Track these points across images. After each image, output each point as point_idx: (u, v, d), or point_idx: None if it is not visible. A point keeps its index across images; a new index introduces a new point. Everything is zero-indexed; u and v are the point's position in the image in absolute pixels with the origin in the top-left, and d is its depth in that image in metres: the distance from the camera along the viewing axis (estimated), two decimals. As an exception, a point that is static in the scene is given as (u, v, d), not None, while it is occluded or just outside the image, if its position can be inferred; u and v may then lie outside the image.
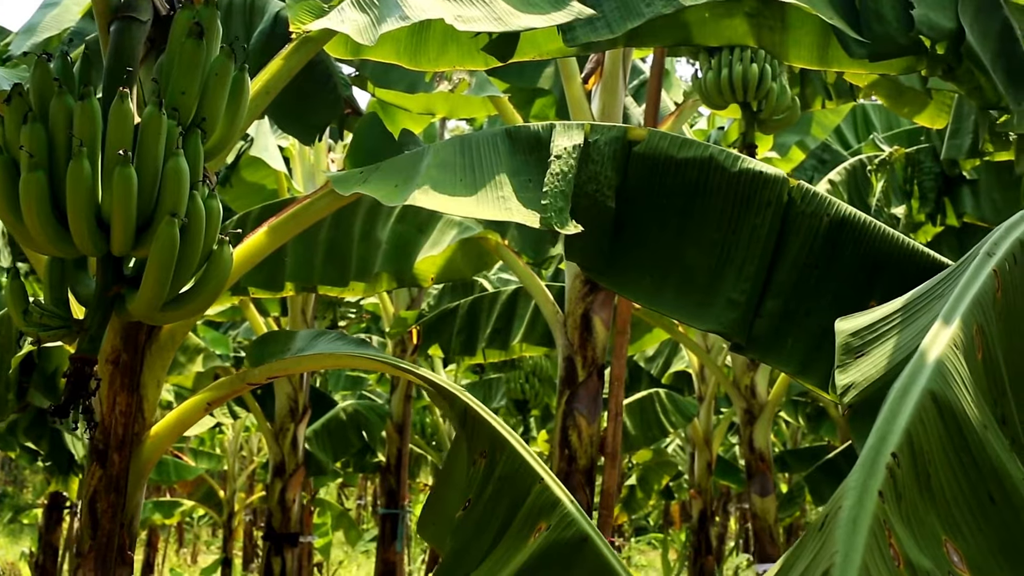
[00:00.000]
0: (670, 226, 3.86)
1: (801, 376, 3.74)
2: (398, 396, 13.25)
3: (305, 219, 4.08)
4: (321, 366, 4.97)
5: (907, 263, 3.70)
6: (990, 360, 2.21)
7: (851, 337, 2.63)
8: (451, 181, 3.84)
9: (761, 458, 11.00)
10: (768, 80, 6.63)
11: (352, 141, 4.24)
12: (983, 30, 4.61)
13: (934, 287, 2.66)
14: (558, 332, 7.17)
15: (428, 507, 3.75)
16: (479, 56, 4.64)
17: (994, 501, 1.94)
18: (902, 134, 10.79)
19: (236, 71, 3.55)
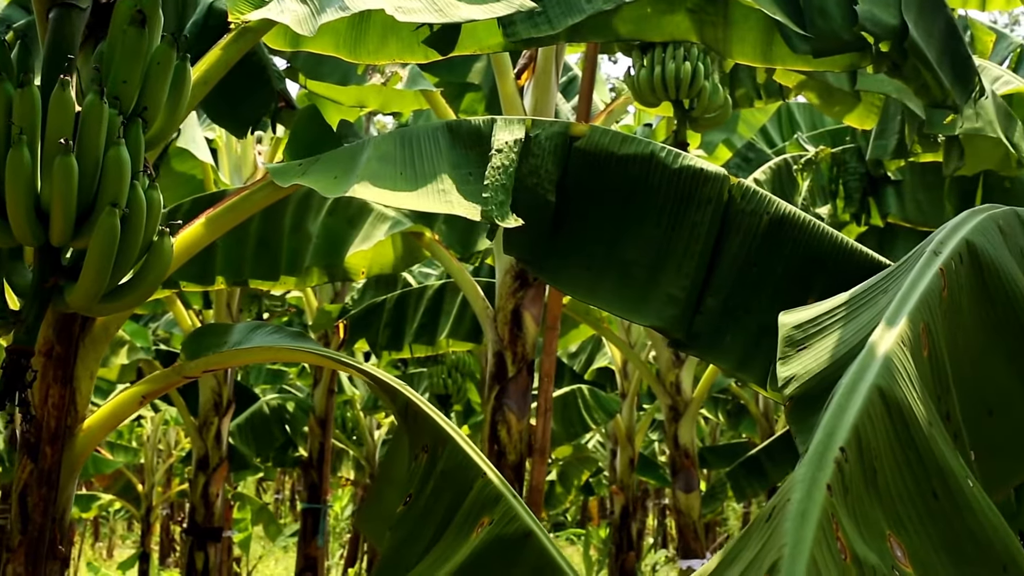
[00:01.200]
0: (610, 221, 3.87)
1: (739, 372, 3.76)
2: (321, 390, 13.17)
3: (243, 211, 4.04)
4: (260, 359, 4.94)
5: (845, 261, 3.73)
6: (936, 358, 2.23)
7: (794, 330, 2.64)
8: (391, 174, 3.82)
9: (686, 454, 11.05)
10: (701, 78, 6.65)
11: (291, 133, 4.21)
12: (927, 28, 4.65)
13: (877, 284, 2.68)
14: (488, 328, 7.16)
15: (367, 502, 3.73)
16: (419, 49, 4.61)
17: (937, 497, 1.96)
18: (826, 134, 10.88)
19: (178, 60, 3.50)
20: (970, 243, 2.46)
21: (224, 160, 10.55)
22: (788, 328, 2.64)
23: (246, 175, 10.60)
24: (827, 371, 2.42)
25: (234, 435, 13.05)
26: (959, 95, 4.88)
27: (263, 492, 34.01)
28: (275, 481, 33.70)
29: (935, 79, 4.75)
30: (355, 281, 9.30)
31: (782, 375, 2.49)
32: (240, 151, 10.56)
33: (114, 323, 3.80)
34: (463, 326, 10.23)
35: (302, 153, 4.03)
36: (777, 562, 1.65)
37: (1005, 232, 2.60)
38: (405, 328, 10.51)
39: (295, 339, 3.92)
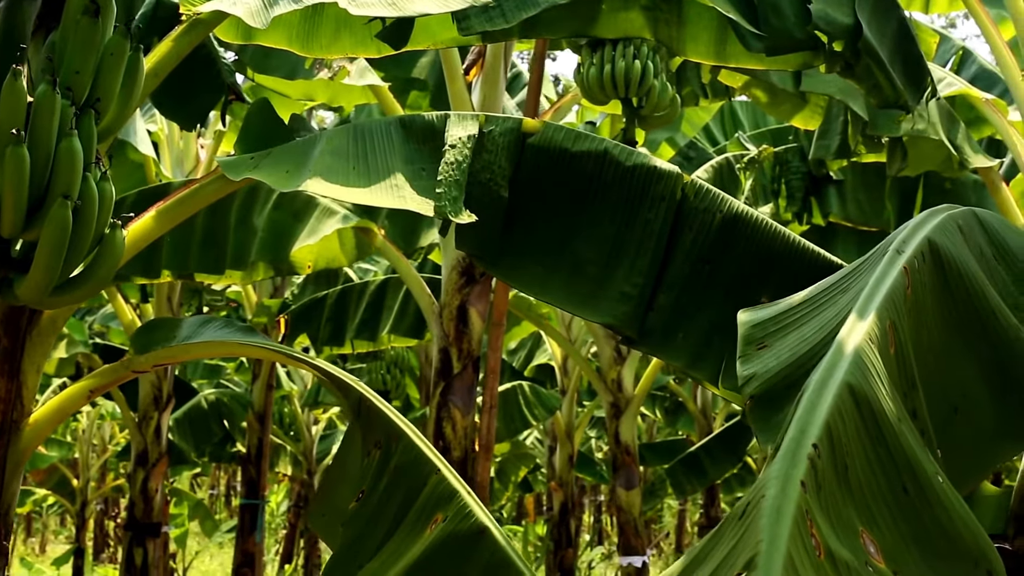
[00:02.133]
0: (563, 218, 3.87)
1: (691, 370, 3.77)
2: (259, 385, 13.09)
3: (193, 204, 4.02)
4: (211, 354, 4.90)
5: (797, 260, 3.75)
6: (902, 355, 2.25)
7: (753, 329, 2.66)
8: (344, 168, 3.80)
9: (627, 451, 11.08)
10: (651, 77, 6.63)
11: (242, 126, 4.17)
12: (880, 28, 4.68)
13: (837, 283, 2.69)
14: (434, 323, 7.14)
15: (319, 498, 3.71)
16: (372, 44, 4.60)
17: (908, 493, 1.97)
18: (768, 133, 10.94)
19: (131, 52, 3.46)
20: (932, 242, 2.48)
21: (165, 153, 10.46)
22: (748, 327, 2.65)
23: (188, 168, 10.51)
24: (788, 369, 2.43)
25: (173, 430, 12.95)
26: (911, 96, 4.91)
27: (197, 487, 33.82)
28: (210, 476, 33.52)
29: (887, 79, 4.78)
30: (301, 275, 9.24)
31: (742, 374, 2.50)
32: (182, 144, 10.47)
33: (61, 316, 3.76)
34: (405, 321, 10.20)
35: (253, 147, 3.98)
36: (754, 558, 1.65)
37: (964, 232, 2.63)
38: (347, 323, 10.46)
39: (245, 334, 3.89)
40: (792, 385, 2.39)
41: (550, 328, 12.01)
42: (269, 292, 13.05)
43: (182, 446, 13.47)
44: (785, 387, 2.39)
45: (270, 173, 3.78)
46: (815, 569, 1.68)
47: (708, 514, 16.59)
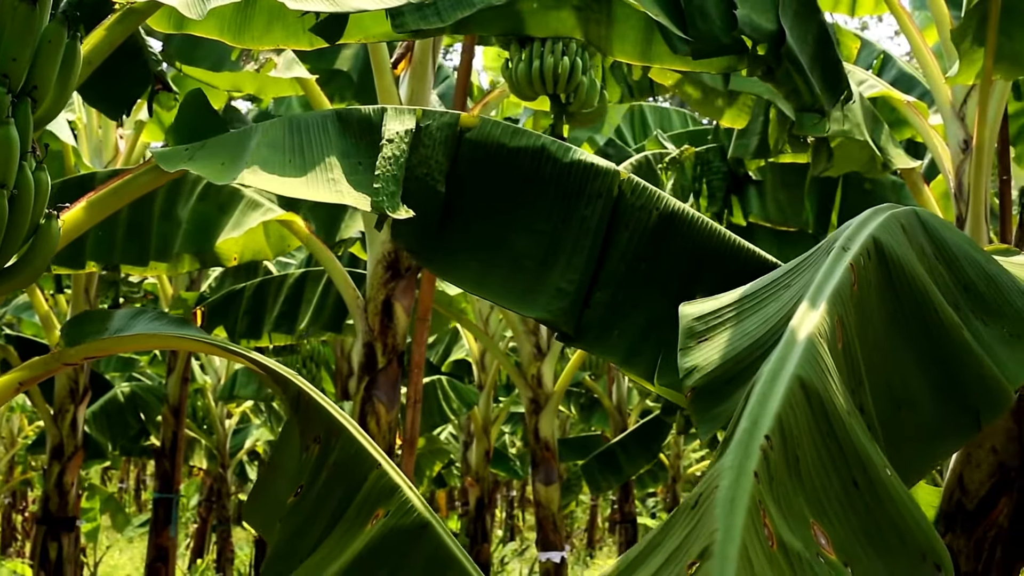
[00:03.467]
0: (500, 213, 3.87)
1: (626, 367, 3.78)
2: (175, 378, 12.95)
3: (126, 195, 3.97)
4: (144, 347, 4.85)
5: (731, 258, 3.78)
6: (849, 351, 2.28)
7: (695, 322, 2.68)
8: (280, 161, 3.78)
9: (546, 447, 11.11)
10: (579, 74, 6.67)
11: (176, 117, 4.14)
12: (801, 34, 4.73)
13: (779, 279, 2.72)
14: (358, 318, 7.12)
15: (255, 494, 3.68)
16: (304, 36, 4.58)
17: (857, 486, 2.00)
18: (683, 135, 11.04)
19: (69, 39, 3.42)
20: (877, 240, 2.51)
21: (84, 142, 10.33)
22: (689, 320, 2.67)
23: (107, 158, 10.38)
24: (729, 363, 2.45)
25: (89, 423, 12.80)
26: (828, 100, 4.97)
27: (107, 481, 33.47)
28: (120, 470, 33.19)
29: (806, 84, 4.84)
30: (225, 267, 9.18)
31: (684, 366, 2.52)
32: (101, 134, 10.35)
33: (-10, 307, 3.71)
34: (324, 315, 10.15)
35: (187, 138, 3.95)
36: (709, 547, 1.66)
37: (907, 231, 2.67)
38: (265, 316, 10.39)
39: (178, 326, 3.86)
40: (733, 379, 2.42)
41: (469, 323, 12.02)
42: (186, 284, 12.93)
43: (98, 439, 13.32)
44: (726, 380, 2.41)
45: (205, 165, 3.75)
46: (768, 559, 1.70)
47: (622, 510, 16.70)
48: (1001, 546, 3.54)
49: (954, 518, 3.52)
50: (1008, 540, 3.50)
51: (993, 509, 3.47)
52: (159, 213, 7.20)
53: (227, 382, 14.78)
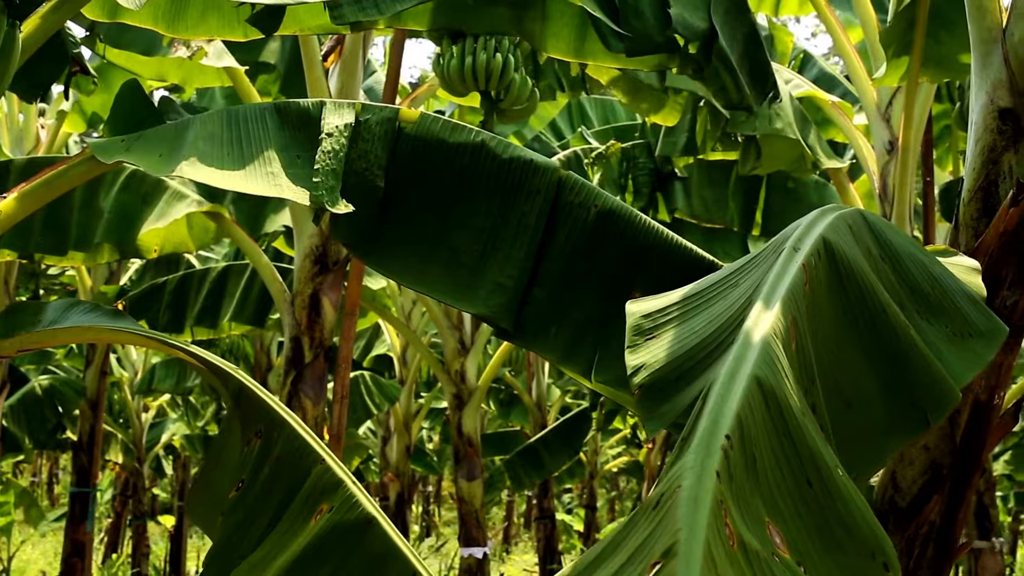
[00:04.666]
0: (439, 208, 3.87)
1: (564, 363, 3.79)
2: (93, 372, 12.81)
3: (60, 186, 3.93)
4: (80, 339, 4.78)
5: (669, 256, 3.79)
6: (802, 351, 2.30)
7: (642, 319, 2.68)
8: (218, 154, 3.76)
9: (469, 443, 11.12)
10: (511, 70, 6.68)
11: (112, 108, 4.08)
12: (732, 33, 4.77)
13: (727, 277, 2.73)
14: (285, 312, 7.08)
15: (196, 489, 3.65)
16: (239, 27, 4.55)
17: (811, 485, 2.02)
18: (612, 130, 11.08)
19: (7, 27, 3.38)
20: (827, 240, 2.53)
21: (4, 131, 10.18)
22: (636, 317, 2.67)
23: (28, 147, 10.24)
24: (677, 360, 2.45)
25: (8, 416, 12.64)
26: (755, 99, 5.02)
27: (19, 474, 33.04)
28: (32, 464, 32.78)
29: (734, 82, 4.88)
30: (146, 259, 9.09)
31: (631, 363, 2.51)
32: (22, 122, 10.21)
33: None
34: (247, 309, 10.08)
35: (124, 129, 3.91)
36: (673, 546, 1.67)
37: (854, 231, 2.70)
38: (186, 310, 10.30)
39: (114, 319, 3.81)
40: (681, 377, 2.42)
41: (391, 318, 11.99)
42: (105, 277, 12.79)
43: (16, 433, 13.14)
44: (674, 378, 2.42)
45: (143, 157, 3.72)
46: (729, 558, 1.72)
47: (541, 506, 16.72)
48: (932, 543, 3.59)
49: (886, 515, 3.55)
50: (939, 538, 3.54)
51: (925, 506, 3.51)
52: (79, 202, 7.12)
53: (145, 376, 14.63)
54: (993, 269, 3.27)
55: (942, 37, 5.97)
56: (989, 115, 3.43)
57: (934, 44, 6.01)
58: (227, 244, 13.04)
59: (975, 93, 3.51)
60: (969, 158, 3.51)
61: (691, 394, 2.35)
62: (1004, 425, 3.59)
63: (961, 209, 3.51)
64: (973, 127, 3.50)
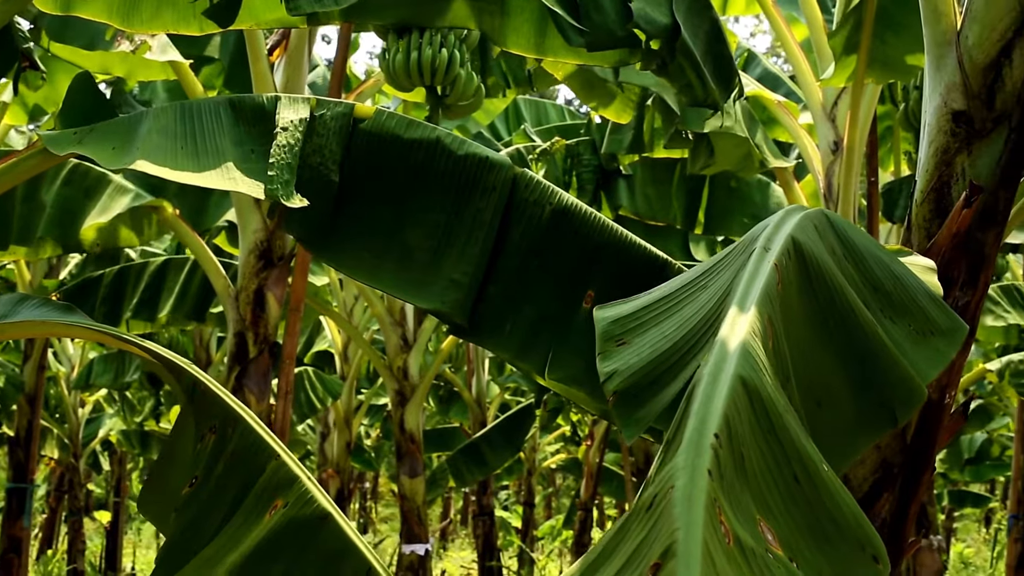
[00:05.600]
0: (393, 204, 3.86)
1: (518, 360, 3.80)
2: (31, 366, 12.67)
3: (11, 178, 3.91)
4: (32, 334, 4.74)
5: (623, 254, 3.81)
6: (778, 350, 2.31)
7: (612, 325, 2.67)
8: (172, 148, 3.74)
9: (412, 439, 11.09)
10: (456, 66, 6.69)
11: (64, 100, 4.05)
12: (694, 29, 4.78)
13: (695, 280, 2.74)
14: (229, 307, 7.05)
15: (149, 485, 3.62)
16: (195, 21, 4.51)
17: (798, 481, 2.03)
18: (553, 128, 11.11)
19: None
20: (795, 240, 2.55)
21: (-51, 124, 10.07)
22: (606, 323, 2.67)
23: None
24: (651, 366, 2.46)
25: (-56, 411, 12.51)
26: (720, 95, 5.04)
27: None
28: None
29: (699, 79, 4.90)
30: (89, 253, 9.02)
31: (604, 370, 2.51)
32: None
33: None
34: (186, 304, 10.02)
35: (75, 121, 3.88)
36: (671, 546, 1.67)
37: (819, 231, 2.71)
38: (124, 304, 10.21)
39: (65, 313, 3.77)
40: (656, 381, 2.42)
41: (334, 314, 11.96)
42: (45, 271, 12.67)
43: (-47, 428, 13.02)
44: (648, 383, 2.42)
45: (96, 150, 3.69)
46: (726, 555, 1.72)
47: (480, 503, 16.73)
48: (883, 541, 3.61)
49: (838, 512, 3.59)
50: (890, 535, 3.58)
51: (876, 504, 3.54)
52: (21, 196, 7.06)
53: (82, 370, 14.50)
54: (945, 270, 3.31)
55: (888, 39, 6.02)
56: (943, 117, 3.47)
57: (880, 45, 6.06)
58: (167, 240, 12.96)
59: (929, 95, 3.55)
60: (922, 160, 3.55)
61: (666, 398, 2.35)
62: (954, 424, 3.63)
63: (914, 210, 3.55)
64: (926, 129, 3.54)
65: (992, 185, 3.37)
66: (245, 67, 7.24)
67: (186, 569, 3.09)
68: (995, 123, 3.40)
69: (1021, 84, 3.35)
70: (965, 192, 3.36)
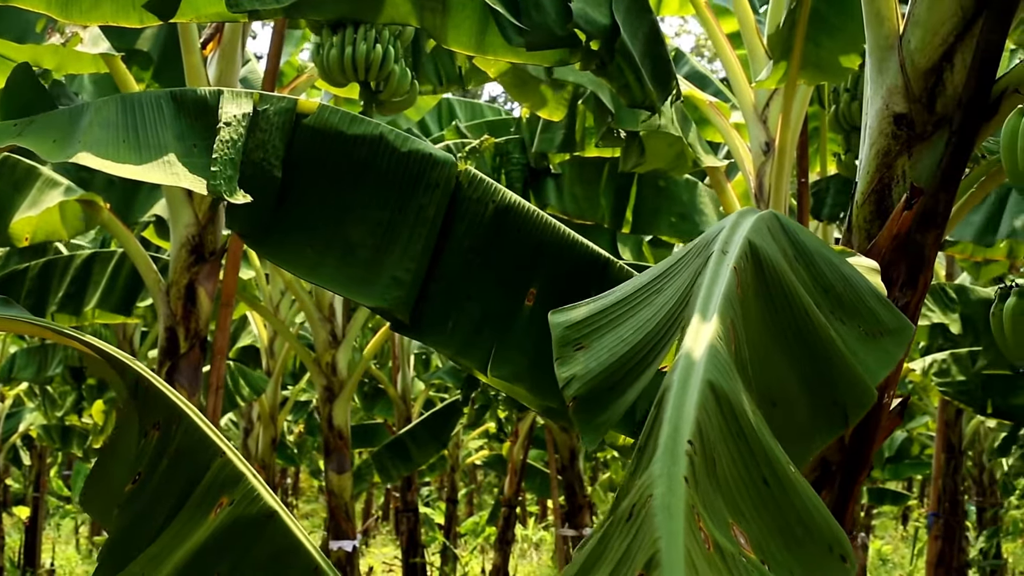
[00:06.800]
0: (337, 200, 3.86)
1: (461, 358, 3.81)
2: (-51, 361, 12.55)
3: (-53, 171, 3.84)
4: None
5: (566, 252, 3.83)
6: (739, 353, 2.33)
7: (568, 331, 2.67)
8: (114, 141, 3.73)
9: (340, 435, 11.05)
10: (391, 62, 6.68)
11: (3, 91, 4.02)
12: (633, 30, 4.82)
13: (650, 283, 2.75)
14: (160, 302, 6.99)
15: (91, 481, 3.59)
16: (135, 13, 4.47)
17: (768, 484, 2.04)
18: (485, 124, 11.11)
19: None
20: (752, 243, 2.57)
21: None
22: (561, 328, 2.67)
23: None
24: (609, 370, 2.46)
25: None
26: (658, 96, 5.08)
27: None
28: None
29: (637, 79, 4.94)
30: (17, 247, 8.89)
31: (562, 376, 2.51)
32: None
33: None
34: (113, 297, 9.92)
35: (15, 113, 3.85)
36: (655, 556, 1.67)
37: (772, 233, 2.74)
38: (49, 298, 10.09)
39: (3, 307, 3.73)
40: (615, 386, 2.43)
41: (261, 309, 11.89)
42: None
43: None
44: (608, 388, 2.42)
45: (37, 141, 3.66)
46: (707, 561, 1.73)
47: (404, 499, 16.71)
48: (821, 538, 3.66)
49: (778, 510, 3.62)
50: (828, 532, 3.62)
51: (815, 502, 3.58)
52: (-54, 191, 6.96)
53: (4, 364, 14.32)
54: (886, 271, 3.35)
55: (822, 41, 6.08)
56: (884, 120, 3.51)
57: (814, 48, 6.12)
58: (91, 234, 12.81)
59: (870, 98, 3.60)
60: (863, 161, 3.60)
61: (626, 402, 2.37)
62: (891, 423, 3.68)
63: (854, 211, 3.59)
64: (868, 131, 3.58)
65: (932, 188, 3.42)
66: (176, 60, 7.18)
67: (131, 567, 3.06)
68: (936, 126, 3.45)
69: (962, 88, 3.40)
70: (906, 194, 3.41)
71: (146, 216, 9.07)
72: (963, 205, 3.80)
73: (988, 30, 3.36)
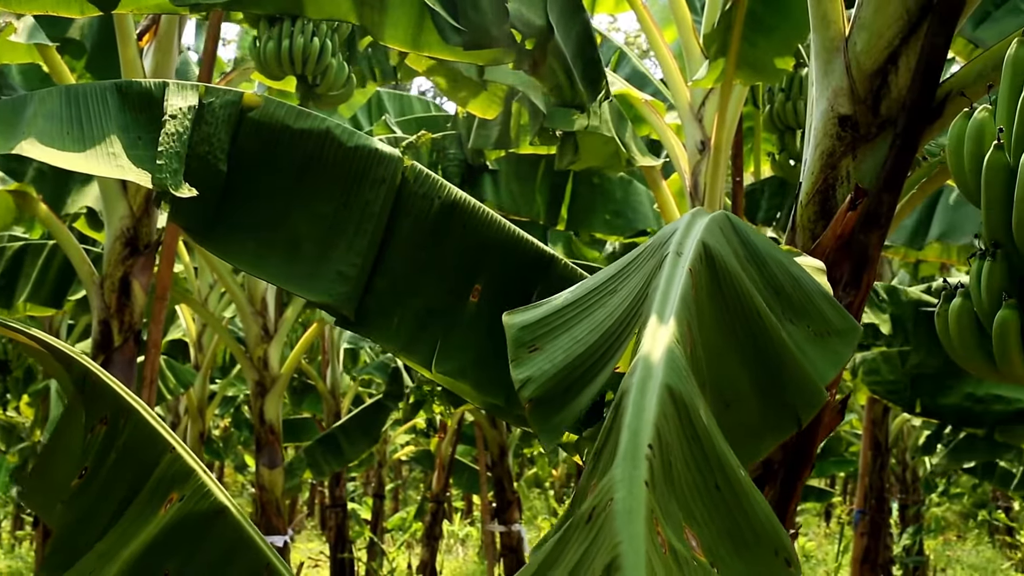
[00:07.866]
0: (282, 194, 3.83)
1: (405, 353, 3.81)
2: None
3: None
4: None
5: (511, 248, 3.84)
6: (695, 355, 2.34)
7: (522, 332, 2.67)
8: (59, 133, 3.68)
9: (271, 430, 11.02)
10: (328, 55, 6.68)
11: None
12: (566, 31, 4.85)
13: (603, 284, 2.76)
14: (94, 295, 6.93)
15: (35, 474, 3.55)
16: (75, 3, 4.43)
17: (720, 489, 2.06)
18: (420, 120, 11.10)
19: None
20: (705, 244, 2.59)
21: None
22: (515, 330, 2.68)
23: None
24: (564, 371, 2.47)
25: None
26: (588, 96, 5.12)
27: None
28: None
29: (568, 80, 4.97)
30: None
31: (517, 377, 2.51)
32: None
33: None
34: (44, 289, 9.82)
35: (-44, 104, 3.80)
36: (615, 559, 1.68)
37: (724, 234, 2.76)
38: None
39: (-56, 300, 3.70)
40: (570, 387, 2.44)
41: (192, 302, 11.81)
42: None
43: None
44: (563, 389, 2.43)
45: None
46: (664, 565, 1.74)
47: (333, 494, 16.66)
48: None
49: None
50: (769, 529, 3.65)
51: (757, 498, 3.61)
52: None
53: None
54: (830, 270, 3.39)
55: (758, 41, 6.14)
56: (829, 121, 3.56)
57: (749, 48, 6.18)
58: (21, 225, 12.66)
59: (816, 99, 3.64)
60: (807, 162, 3.64)
61: (582, 403, 2.38)
62: (832, 421, 3.72)
63: (798, 211, 3.63)
64: (812, 132, 3.62)
65: (876, 188, 3.47)
66: (110, 51, 7.12)
67: (80, 564, 3.04)
68: (880, 128, 3.50)
69: (906, 91, 3.45)
70: (850, 195, 3.45)
71: (78, 208, 8.98)
72: (905, 205, 3.85)
73: (933, 34, 3.41)
